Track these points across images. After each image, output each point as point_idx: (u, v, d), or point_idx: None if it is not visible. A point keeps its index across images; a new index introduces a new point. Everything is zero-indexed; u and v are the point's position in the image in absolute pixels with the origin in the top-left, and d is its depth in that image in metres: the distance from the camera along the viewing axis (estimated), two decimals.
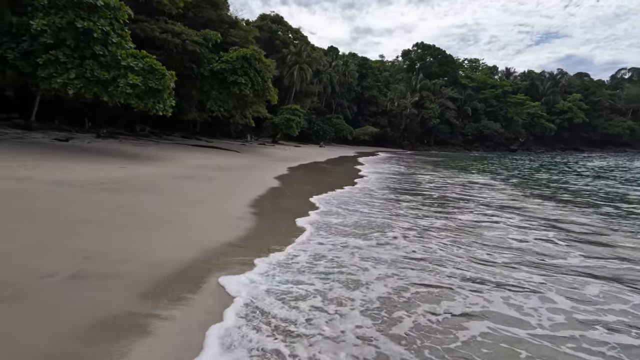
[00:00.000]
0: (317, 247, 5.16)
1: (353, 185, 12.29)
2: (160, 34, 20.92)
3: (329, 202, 8.68)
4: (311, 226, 6.24)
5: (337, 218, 6.96)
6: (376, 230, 6.27)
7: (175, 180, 9.46)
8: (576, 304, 3.77)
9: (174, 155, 15.81)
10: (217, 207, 7.00)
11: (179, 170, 11.20)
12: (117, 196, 6.81)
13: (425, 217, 7.59)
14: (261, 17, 55.83)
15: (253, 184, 10.14)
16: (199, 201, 7.25)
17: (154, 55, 12.97)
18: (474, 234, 6.39)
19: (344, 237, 5.71)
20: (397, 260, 4.77)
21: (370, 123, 68.79)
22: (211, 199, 7.66)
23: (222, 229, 5.57)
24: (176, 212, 6.15)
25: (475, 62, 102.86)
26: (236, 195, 8.37)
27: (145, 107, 12.59)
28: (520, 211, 8.67)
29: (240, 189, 9.40)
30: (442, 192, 11.84)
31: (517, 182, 16.35)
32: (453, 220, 7.36)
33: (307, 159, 24.04)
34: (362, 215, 7.39)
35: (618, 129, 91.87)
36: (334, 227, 6.33)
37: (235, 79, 21.66)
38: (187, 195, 7.68)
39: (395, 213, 7.83)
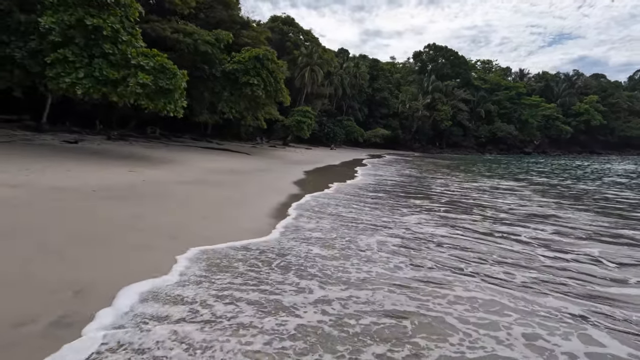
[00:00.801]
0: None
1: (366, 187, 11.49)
2: (171, 34, 20.49)
3: (361, 210, 7.91)
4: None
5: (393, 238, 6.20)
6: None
7: (185, 186, 8.82)
8: (635, 351, 2.92)
9: (185, 157, 15.25)
10: (232, 219, 6.28)
11: (189, 174, 10.60)
12: (122, 205, 6.17)
13: (427, 223, 6.79)
14: (272, 19, 55.51)
15: (270, 190, 9.44)
16: (211, 213, 6.49)
17: (165, 54, 12.41)
18: (488, 246, 5.55)
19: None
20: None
21: (381, 125, 67.86)
22: (226, 209, 6.91)
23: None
24: (185, 225, 5.47)
25: (488, 64, 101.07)
26: (253, 205, 7.66)
27: (155, 107, 12.03)
28: (553, 221, 7.74)
29: (257, 197, 8.67)
30: (457, 197, 10.96)
31: (548, 189, 15.26)
32: (465, 228, 6.52)
33: (321, 162, 23.32)
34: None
35: (637, 131, 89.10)
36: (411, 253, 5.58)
37: (247, 79, 21.11)
38: (198, 205, 7.01)
39: (400, 221, 7.05)
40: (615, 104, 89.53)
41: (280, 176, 13.07)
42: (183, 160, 14.20)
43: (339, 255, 4.79)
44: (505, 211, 8.72)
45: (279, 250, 4.81)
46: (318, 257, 4.66)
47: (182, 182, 9.15)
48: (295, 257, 4.62)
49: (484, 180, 17.89)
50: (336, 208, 7.92)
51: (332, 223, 6.50)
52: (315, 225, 6.23)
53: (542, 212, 8.83)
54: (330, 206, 8.11)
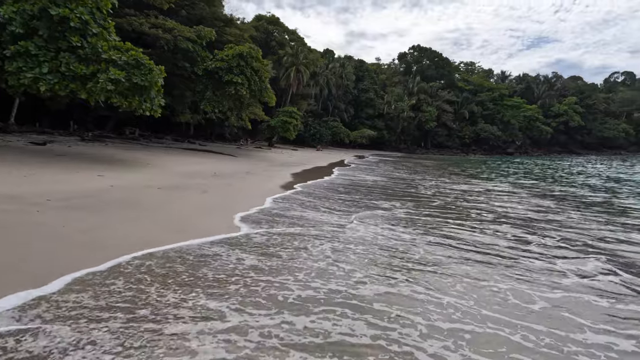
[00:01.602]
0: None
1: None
2: (149, 29, 19.44)
3: (378, 224, 7.29)
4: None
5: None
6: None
7: (158, 192, 7.91)
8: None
9: (163, 160, 14.33)
10: (203, 231, 5.52)
11: (165, 178, 9.72)
12: (78, 217, 5.29)
13: (413, 229, 6.27)
14: (257, 18, 54.54)
15: (257, 197, 8.67)
16: (180, 224, 5.62)
17: (140, 49, 11.53)
18: (483, 255, 5.04)
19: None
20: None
21: (367, 126, 67.76)
22: (203, 221, 6.04)
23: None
24: (156, 243, 4.73)
25: (471, 66, 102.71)
26: (237, 213, 6.95)
27: (129, 106, 11.13)
28: (558, 226, 7.34)
29: (241, 204, 7.77)
30: (450, 200, 10.52)
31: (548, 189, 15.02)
32: (459, 237, 6.03)
33: (308, 163, 22.63)
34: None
35: (613, 132, 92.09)
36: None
37: (231, 78, 20.25)
38: (168, 214, 6.11)
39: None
40: (592, 105, 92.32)
41: (266, 180, 12.34)
42: (161, 162, 13.29)
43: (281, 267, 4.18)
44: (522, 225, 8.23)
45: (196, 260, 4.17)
46: (251, 271, 4.03)
47: (156, 188, 8.26)
48: (214, 270, 3.97)
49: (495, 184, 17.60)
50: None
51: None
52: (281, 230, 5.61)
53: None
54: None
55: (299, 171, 16.66)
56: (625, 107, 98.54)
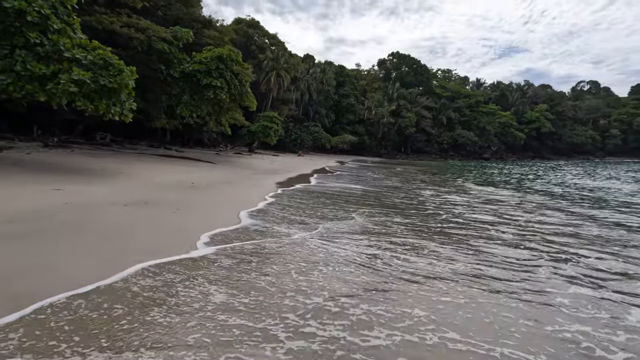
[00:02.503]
0: None
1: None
2: (121, 28, 18.24)
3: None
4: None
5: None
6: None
7: (125, 210, 6.65)
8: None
9: (135, 168, 13.23)
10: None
11: (134, 191, 8.69)
12: (11, 247, 4.28)
13: (421, 249, 5.75)
14: (236, 21, 53.55)
15: (235, 212, 7.83)
16: (141, 253, 4.51)
17: (109, 48, 10.54)
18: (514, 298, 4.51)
19: None
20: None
21: (348, 131, 67.78)
22: (166, 244, 5.00)
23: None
24: (95, 278, 3.74)
25: (448, 73, 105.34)
26: (216, 229, 6.13)
27: (96, 110, 10.09)
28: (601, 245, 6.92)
29: (218, 221, 6.68)
30: (452, 211, 10.10)
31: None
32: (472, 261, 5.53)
33: (292, 170, 21.85)
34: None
35: (581, 138, 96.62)
36: None
37: (209, 81, 19.31)
38: (129, 240, 4.99)
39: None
40: (561, 112, 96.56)
41: (248, 191, 11.52)
42: (133, 172, 12.20)
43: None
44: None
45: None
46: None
47: (122, 204, 7.16)
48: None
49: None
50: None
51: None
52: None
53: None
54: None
55: (284, 180, 15.88)
56: (592, 115, 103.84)
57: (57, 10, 10.42)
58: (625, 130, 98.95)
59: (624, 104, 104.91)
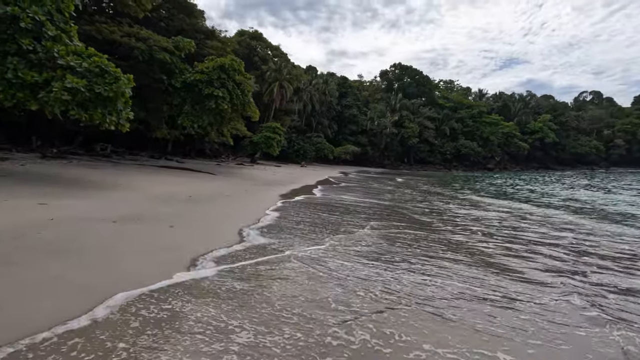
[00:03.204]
0: None
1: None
2: (121, 38, 17.98)
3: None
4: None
5: None
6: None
7: (114, 227, 5.99)
8: None
9: (132, 180, 12.69)
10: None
11: (128, 205, 8.10)
12: None
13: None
14: (239, 33, 53.85)
15: (236, 229, 7.20)
16: (122, 282, 3.86)
17: (105, 55, 10.12)
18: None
19: None
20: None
21: (350, 142, 67.47)
22: (152, 270, 4.31)
23: None
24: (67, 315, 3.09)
25: (450, 84, 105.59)
26: (211, 252, 5.50)
27: (91, 119, 9.61)
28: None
29: (215, 241, 5.91)
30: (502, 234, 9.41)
31: None
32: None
33: (295, 182, 21.26)
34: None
35: (585, 148, 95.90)
36: None
37: (211, 91, 18.93)
38: (117, 269, 4.22)
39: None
40: (565, 122, 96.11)
41: (249, 204, 10.92)
42: (130, 184, 11.66)
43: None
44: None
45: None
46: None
47: (112, 219, 6.48)
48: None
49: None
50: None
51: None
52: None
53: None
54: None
55: (287, 192, 15.27)
56: (595, 125, 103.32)
57: (52, 17, 10.06)
58: (629, 140, 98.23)
59: (628, 114, 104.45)
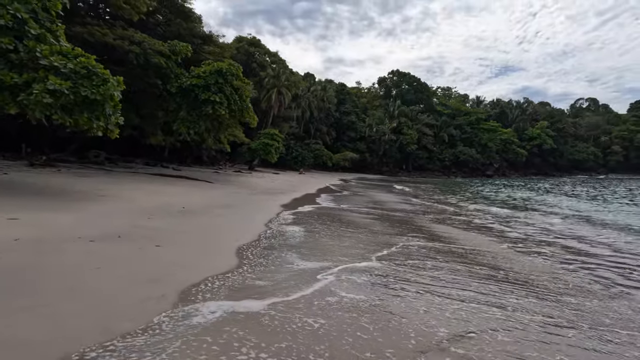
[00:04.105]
0: None
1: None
2: (114, 41, 17.32)
3: None
4: None
5: None
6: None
7: (89, 248, 5.07)
8: None
9: (122, 189, 11.89)
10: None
11: (114, 220, 7.22)
12: None
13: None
14: (238, 40, 53.52)
15: (231, 247, 6.21)
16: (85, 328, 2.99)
17: (93, 56, 9.41)
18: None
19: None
20: None
21: (349, 149, 66.98)
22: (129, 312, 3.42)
23: None
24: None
25: (448, 91, 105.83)
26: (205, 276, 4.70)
27: (76, 124, 8.86)
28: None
29: (208, 263, 5.08)
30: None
31: None
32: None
33: (296, 190, 20.49)
34: None
35: (583, 154, 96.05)
36: None
37: (208, 96, 18.25)
38: (77, 314, 3.23)
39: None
40: (562, 129, 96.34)
41: (248, 217, 10.13)
42: (117, 193, 10.85)
43: None
44: None
45: None
46: None
47: (90, 238, 5.57)
48: None
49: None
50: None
51: None
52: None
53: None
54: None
55: (288, 201, 14.47)
56: (592, 131, 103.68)
57: (37, 15, 9.36)
58: (626, 146, 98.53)
59: (624, 121, 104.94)
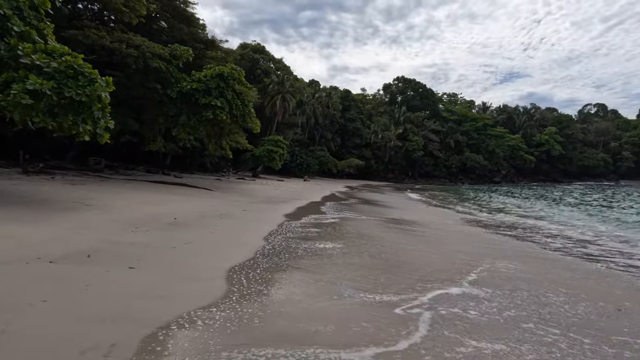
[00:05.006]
0: None
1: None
2: (111, 43, 16.77)
3: None
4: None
5: None
6: None
7: (47, 270, 4.29)
8: None
9: (116, 198, 11.16)
10: None
11: (89, 233, 6.27)
12: None
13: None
14: (242, 46, 53.44)
15: (221, 269, 5.30)
16: None
17: (81, 55, 8.74)
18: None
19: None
20: None
21: (354, 155, 66.15)
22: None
23: None
24: None
25: (454, 97, 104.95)
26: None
27: (60, 128, 8.16)
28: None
29: (187, 291, 4.23)
30: None
31: None
32: None
33: (300, 197, 19.63)
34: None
35: (592, 160, 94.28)
36: None
37: (209, 101, 17.60)
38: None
39: None
40: (571, 135, 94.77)
41: (246, 230, 9.27)
42: (106, 203, 10.09)
43: None
44: None
45: None
46: None
47: (52, 258, 4.70)
48: None
49: None
50: None
51: None
52: None
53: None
54: None
55: (292, 210, 13.61)
56: (601, 137, 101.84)
57: (22, 12, 8.74)
58: (637, 152, 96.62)
59: (634, 126, 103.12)
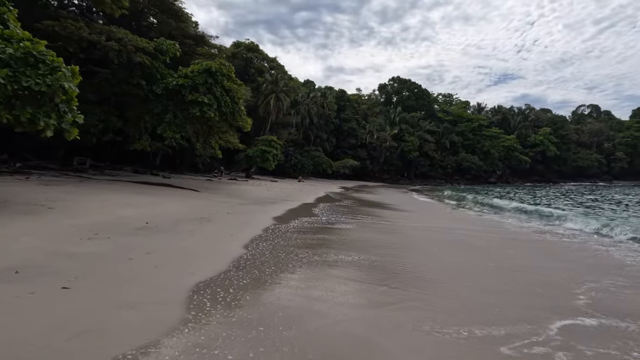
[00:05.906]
0: None
1: None
2: (89, 35, 15.85)
3: None
4: None
5: None
6: None
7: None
8: None
9: (86, 200, 10.27)
10: None
11: (31, 242, 5.27)
12: None
13: None
14: (235, 45, 52.53)
15: (187, 285, 4.45)
16: None
17: (44, 42, 7.89)
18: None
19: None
20: None
21: (349, 156, 65.46)
22: None
23: None
24: None
25: (449, 97, 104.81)
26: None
27: (16, 121, 7.30)
28: None
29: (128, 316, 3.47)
30: None
31: None
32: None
33: (292, 199, 18.80)
34: None
35: (587, 161, 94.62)
36: None
37: (195, 97, 16.75)
38: None
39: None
40: (565, 135, 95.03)
41: (225, 235, 8.45)
42: (74, 205, 9.19)
43: None
44: None
45: None
46: None
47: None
48: None
49: None
50: None
51: None
52: None
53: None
54: None
55: (281, 213, 12.77)
56: (595, 138, 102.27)
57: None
58: (630, 153, 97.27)
59: (628, 127, 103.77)
